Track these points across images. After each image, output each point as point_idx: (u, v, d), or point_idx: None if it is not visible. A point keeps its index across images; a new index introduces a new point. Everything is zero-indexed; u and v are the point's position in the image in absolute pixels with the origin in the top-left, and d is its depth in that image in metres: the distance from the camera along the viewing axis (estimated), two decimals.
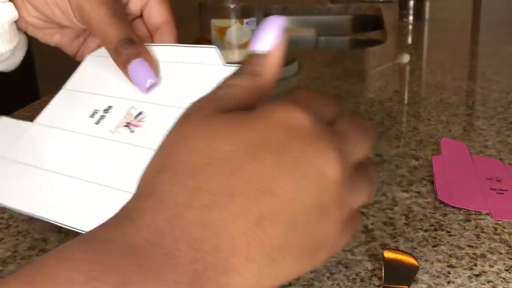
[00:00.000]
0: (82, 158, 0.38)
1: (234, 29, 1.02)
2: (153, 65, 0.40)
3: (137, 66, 0.39)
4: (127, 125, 0.38)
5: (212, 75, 0.38)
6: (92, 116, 0.40)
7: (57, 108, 0.42)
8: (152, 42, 0.45)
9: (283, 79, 1.04)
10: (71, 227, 0.34)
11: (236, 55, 1.04)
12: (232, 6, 1.02)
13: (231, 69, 0.37)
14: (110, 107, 0.40)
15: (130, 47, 0.40)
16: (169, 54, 0.41)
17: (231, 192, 0.25)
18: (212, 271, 0.24)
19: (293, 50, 1.44)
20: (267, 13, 1.84)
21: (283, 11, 1.85)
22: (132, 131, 0.38)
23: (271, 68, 0.31)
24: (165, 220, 0.24)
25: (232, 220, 0.25)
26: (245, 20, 1.03)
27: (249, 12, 1.03)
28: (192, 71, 0.39)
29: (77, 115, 0.41)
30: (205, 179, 0.25)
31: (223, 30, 1.03)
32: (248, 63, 0.31)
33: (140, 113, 0.38)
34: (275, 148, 0.26)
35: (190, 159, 0.26)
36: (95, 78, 0.43)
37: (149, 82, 0.39)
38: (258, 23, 1.05)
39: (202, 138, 0.27)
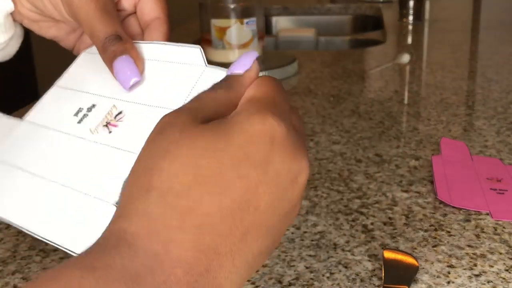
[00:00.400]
0: (61, 159, 0.37)
1: (234, 29, 1.02)
2: (139, 62, 0.39)
3: (122, 63, 0.39)
4: (107, 124, 0.38)
5: (194, 76, 0.37)
6: (76, 114, 0.39)
7: (46, 105, 0.42)
8: (144, 39, 0.44)
9: (283, 79, 1.04)
10: (41, 237, 0.33)
11: (236, 55, 1.04)
12: (232, 6, 1.02)
13: (212, 70, 0.37)
14: (93, 105, 0.39)
15: (117, 43, 0.39)
16: (155, 52, 0.40)
17: (221, 212, 0.26)
18: None
19: (293, 50, 1.44)
20: (267, 13, 1.84)
21: (283, 11, 1.85)
22: (110, 131, 0.37)
23: (244, 86, 0.32)
24: (161, 245, 0.25)
25: (221, 240, 0.26)
26: (245, 20, 1.03)
27: (249, 12, 1.03)
28: (174, 71, 0.39)
29: (63, 113, 0.40)
30: (195, 199, 0.26)
31: (223, 30, 1.03)
32: (223, 80, 0.33)
33: (120, 112, 0.38)
34: (258, 163, 0.27)
35: (177, 177, 0.26)
36: (86, 75, 0.42)
37: (133, 80, 0.38)
38: (258, 23, 1.05)
39: (184, 153, 0.27)
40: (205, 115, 0.29)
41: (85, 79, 0.42)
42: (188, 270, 0.25)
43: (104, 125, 0.38)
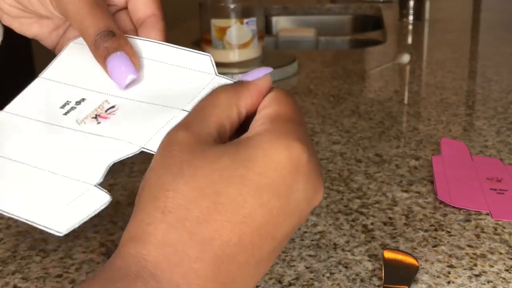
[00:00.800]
0: (43, 147, 0.36)
1: (234, 29, 1.02)
2: (135, 59, 0.37)
3: (117, 60, 0.36)
4: (96, 116, 0.36)
5: (201, 82, 0.36)
6: (62, 107, 0.38)
7: (28, 96, 0.40)
8: (137, 35, 0.42)
9: (283, 79, 1.04)
10: (31, 221, 0.32)
11: (236, 55, 1.04)
12: (232, 6, 1.02)
13: (222, 79, 0.36)
14: (83, 99, 0.38)
15: (110, 39, 0.37)
16: (159, 53, 0.39)
17: (241, 242, 0.26)
18: None
19: (293, 50, 1.44)
20: (267, 13, 1.84)
21: (283, 11, 1.85)
22: (98, 122, 0.36)
23: (250, 90, 0.31)
24: (182, 276, 0.25)
25: (239, 270, 0.26)
26: (245, 20, 1.03)
27: (249, 12, 1.03)
28: (182, 75, 0.37)
29: (48, 105, 0.38)
30: (216, 228, 0.25)
31: (223, 30, 1.03)
32: (236, 82, 0.32)
33: (112, 107, 0.36)
34: (282, 191, 0.27)
35: (195, 202, 0.26)
36: (73, 68, 0.40)
37: (128, 77, 0.36)
38: (258, 23, 1.05)
39: (199, 177, 0.26)
40: (211, 129, 0.28)
41: (73, 72, 0.40)
42: None
43: (93, 117, 0.36)
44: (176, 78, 0.37)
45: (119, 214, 0.56)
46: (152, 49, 0.39)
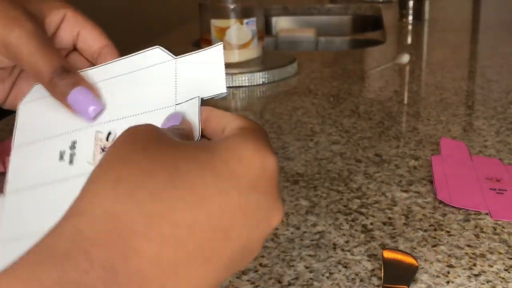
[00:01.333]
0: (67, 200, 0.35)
1: (234, 29, 1.02)
2: (94, 91, 0.37)
3: (78, 94, 0.36)
4: (103, 149, 0.36)
5: (168, 72, 0.37)
6: (61, 158, 0.37)
7: (19, 169, 0.38)
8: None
9: (283, 79, 1.04)
10: None
11: (236, 55, 1.04)
12: (232, 6, 1.02)
13: (184, 59, 0.36)
14: (74, 142, 0.37)
15: (67, 76, 0.37)
16: (116, 70, 0.39)
17: (192, 226, 0.24)
18: None
19: (293, 50, 1.45)
20: (267, 13, 1.84)
21: (283, 11, 1.85)
22: None
23: (188, 131, 0.31)
24: (120, 256, 0.22)
25: (183, 260, 0.23)
26: (245, 20, 1.03)
27: (249, 12, 1.03)
28: (146, 76, 0.38)
29: (45, 165, 0.37)
30: (169, 204, 0.23)
31: (223, 30, 1.03)
32: (169, 130, 0.30)
33: (109, 134, 0.36)
34: (243, 185, 0.25)
35: (152, 175, 0.24)
36: (41, 122, 0.40)
37: (92, 109, 0.37)
38: (258, 23, 1.05)
39: (163, 152, 0.25)
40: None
41: (43, 126, 0.39)
42: (142, 284, 0.22)
43: (101, 152, 0.36)
44: (145, 81, 0.38)
45: None
46: (110, 69, 0.40)
